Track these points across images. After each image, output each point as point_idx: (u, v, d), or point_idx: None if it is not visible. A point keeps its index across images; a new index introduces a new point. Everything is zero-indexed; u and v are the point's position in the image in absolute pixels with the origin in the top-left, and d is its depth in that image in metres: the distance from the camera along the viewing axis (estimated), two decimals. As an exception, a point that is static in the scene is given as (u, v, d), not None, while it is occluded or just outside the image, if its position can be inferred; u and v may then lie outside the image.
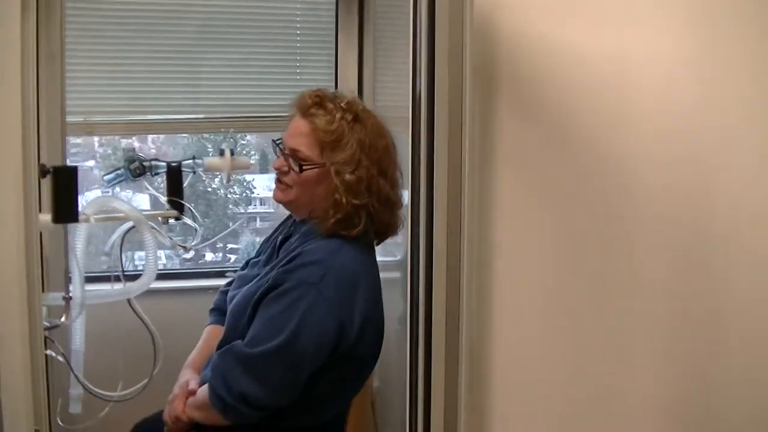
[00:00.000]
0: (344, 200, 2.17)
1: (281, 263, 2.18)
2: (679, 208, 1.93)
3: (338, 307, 2.11)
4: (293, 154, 2.23)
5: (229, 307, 2.32)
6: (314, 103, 2.23)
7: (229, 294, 2.41)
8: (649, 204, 1.92)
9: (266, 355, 2.07)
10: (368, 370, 2.31)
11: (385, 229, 2.29)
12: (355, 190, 2.18)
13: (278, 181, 2.29)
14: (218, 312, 2.53)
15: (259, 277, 2.28)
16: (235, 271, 2.61)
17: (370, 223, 2.22)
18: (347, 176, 2.18)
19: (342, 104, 2.24)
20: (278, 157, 2.30)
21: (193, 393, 2.25)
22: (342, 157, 2.19)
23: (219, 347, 2.23)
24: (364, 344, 2.18)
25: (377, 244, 2.32)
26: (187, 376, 2.34)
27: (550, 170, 1.87)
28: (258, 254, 2.53)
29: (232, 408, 2.09)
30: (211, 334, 2.50)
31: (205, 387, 2.19)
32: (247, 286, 2.30)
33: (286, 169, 2.25)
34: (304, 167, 2.20)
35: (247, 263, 2.57)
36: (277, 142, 2.31)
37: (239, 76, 3.11)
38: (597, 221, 1.90)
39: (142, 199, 2.99)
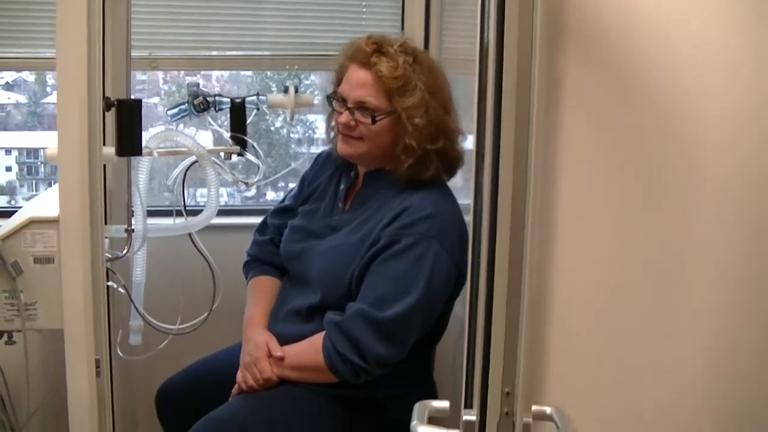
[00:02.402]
0: (415, 144, 2.15)
1: (384, 220, 2.16)
2: (748, 181, 1.86)
3: (457, 255, 2.12)
4: (360, 106, 2.19)
5: (311, 263, 2.27)
6: (374, 51, 2.19)
7: (293, 246, 2.36)
8: (724, 161, 1.86)
9: (401, 316, 2.06)
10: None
11: (455, 165, 2.27)
12: (426, 134, 2.16)
13: (344, 135, 2.25)
14: (261, 263, 2.49)
15: (347, 231, 2.24)
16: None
17: (440, 162, 2.21)
18: (417, 120, 2.15)
19: (398, 47, 2.20)
20: (338, 111, 2.26)
21: (282, 358, 2.19)
22: (411, 101, 2.16)
23: (314, 306, 2.21)
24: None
25: (447, 180, 2.30)
26: (263, 337, 2.26)
27: (617, 122, 1.82)
28: (302, 200, 2.48)
29: (366, 371, 2.08)
30: (261, 286, 2.45)
31: (304, 347, 2.18)
32: (331, 240, 2.27)
33: (353, 123, 2.20)
34: (376, 118, 2.17)
35: (281, 211, 2.53)
36: (333, 96, 2.27)
37: (304, 14, 3.07)
38: (662, 174, 1.85)
39: (205, 137, 3.00)
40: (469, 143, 2.26)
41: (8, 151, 3.70)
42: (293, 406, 2.17)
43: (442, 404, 1.53)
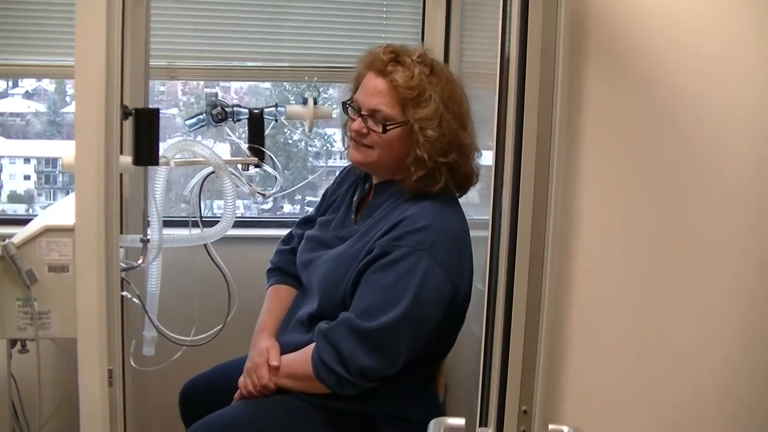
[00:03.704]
0: (426, 156, 2.14)
1: (381, 231, 2.15)
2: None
3: (451, 270, 2.10)
4: (373, 114, 2.19)
5: (315, 273, 2.28)
6: (390, 60, 2.18)
7: (304, 256, 2.38)
8: (744, 174, 1.84)
9: (386, 327, 2.04)
10: (462, 323, 2.27)
11: (467, 181, 2.25)
12: (438, 146, 2.14)
13: (356, 141, 2.25)
14: (280, 272, 2.51)
15: (351, 241, 2.24)
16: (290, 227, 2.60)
17: (451, 176, 2.19)
18: (430, 132, 2.14)
19: (416, 58, 2.19)
20: (351, 118, 2.26)
21: (278, 367, 2.22)
22: (425, 113, 2.15)
23: (312, 315, 2.22)
24: (467, 300, 2.18)
25: (459, 197, 2.28)
26: (266, 344, 2.29)
27: (637, 134, 1.80)
28: (323, 211, 2.49)
29: (348, 382, 2.07)
30: (277, 295, 2.47)
31: (298, 357, 2.19)
32: (335, 250, 2.27)
33: (365, 131, 2.20)
34: (387, 127, 2.17)
35: (305, 221, 2.54)
36: (349, 103, 2.27)
37: (324, 26, 3.08)
38: (683, 187, 1.83)
39: (222, 148, 3.00)
40: (487, 158, 2.25)
41: (27, 160, 3.71)
42: (287, 415, 2.18)
43: (458, 422, 1.51)
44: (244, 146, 2.55)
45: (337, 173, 2.59)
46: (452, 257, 2.11)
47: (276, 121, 2.61)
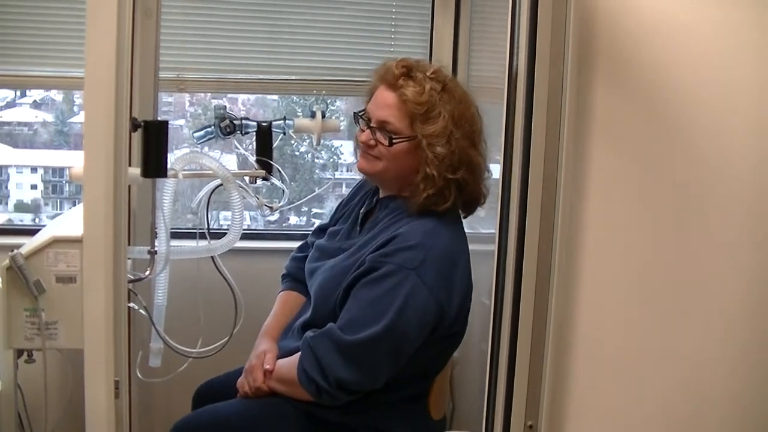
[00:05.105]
0: (436, 174, 2.14)
1: (375, 246, 2.15)
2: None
3: (438, 291, 2.08)
4: (381, 127, 2.19)
5: (315, 282, 2.30)
6: (402, 74, 2.19)
7: (309, 265, 2.40)
8: (748, 187, 1.83)
9: (366, 341, 2.05)
10: (458, 344, 2.28)
11: (474, 201, 2.25)
12: (447, 164, 2.14)
13: (364, 151, 2.26)
14: (291, 278, 2.54)
15: (347, 253, 2.25)
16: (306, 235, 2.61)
17: (459, 196, 2.19)
18: (439, 149, 2.14)
19: (429, 74, 2.19)
20: (361, 129, 2.27)
21: (270, 371, 2.25)
22: (433, 129, 2.15)
23: (306, 323, 2.25)
24: (459, 321, 2.17)
25: (464, 218, 2.28)
26: (265, 346, 2.34)
27: (643, 147, 1.80)
28: (334, 222, 2.51)
29: (326, 392, 2.09)
30: (285, 300, 2.51)
31: (289, 362, 2.21)
32: (333, 260, 2.28)
33: (373, 142, 2.21)
34: (394, 140, 2.17)
35: (320, 230, 2.56)
36: (360, 113, 2.28)
37: (333, 39, 3.09)
38: (688, 200, 1.83)
39: (230, 160, 3.00)
40: (494, 172, 2.24)
41: (34, 170, 3.72)
42: (276, 418, 2.21)
43: (464, 436, 1.51)
44: (252, 159, 2.56)
45: (344, 185, 2.60)
46: (441, 278, 2.10)
47: (284, 134, 2.61)
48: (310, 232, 2.63)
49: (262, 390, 2.25)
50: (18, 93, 3.61)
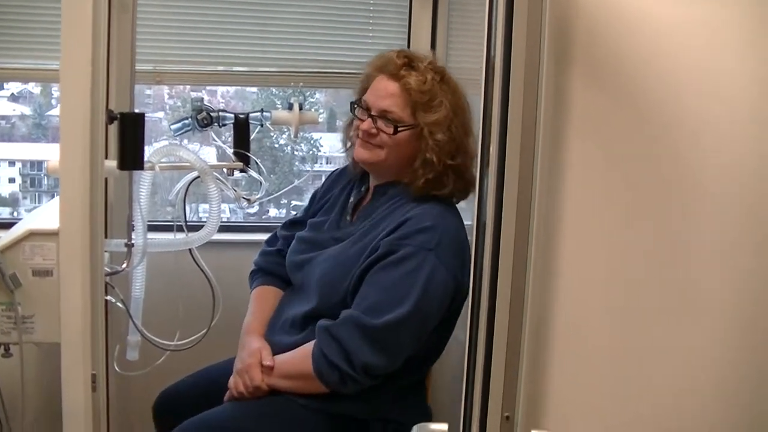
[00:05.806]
0: (436, 159, 2.18)
1: (385, 230, 2.17)
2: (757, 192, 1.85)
3: (455, 270, 2.12)
4: (383, 116, 2.23)
5: (310, 273, 2.29)
6: (404, 64, 2.23)
7: (296, 257, 2.39)
8: (726, 183, 1.84)
9: (392, 324, 2.07)
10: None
11: (469, 187, 2.28)
12: (446, 150, 2.19)
13: (365, 141, 2.27)
14: (264, 273, 2.53)
15: (349, 241, 2.26)
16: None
17: (457, 181, 2.23)
18: (439, 136, 2.19)
19: (427, 64, 2.25)
20: (360, 118, 2.29)
21: (271, 367, 2.23)
22: (435, 117, 2.19)
23: (308, 314, 2.23)
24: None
25: (456, 203, 2.31)
26: (257, 344, 2.30)
27: (622, 143, 1.81)
28: (312, 214, 2.51)
29: (351, 378, 2.09)
30: (263, 295, 2.49)
31: (292, 356, 2.20)
32: (332, 250, 2.28)
33: (374, 131, 2.24)
34: (399, 128, 2.20)
35: (291, 223, 2.57)
36: (357, 103, 2.31)
37: (310, 31, 3.09)
38: (669, 192, 1.84)
39: (208, 153, 3.00)
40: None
41: (12, 163, 3.70)
42: (276, 418, 2.19)
43: (441, 427, 1.51)
44: (230, 151, 2.55)
45: (323, 177, 2.60)
46: (456, 257, 2.14)
47: (262, 126, 2.61)
48: (279, 226, 2.63)
49: (260, 389, 2.22)
50: (-5, 86, 3.59)
